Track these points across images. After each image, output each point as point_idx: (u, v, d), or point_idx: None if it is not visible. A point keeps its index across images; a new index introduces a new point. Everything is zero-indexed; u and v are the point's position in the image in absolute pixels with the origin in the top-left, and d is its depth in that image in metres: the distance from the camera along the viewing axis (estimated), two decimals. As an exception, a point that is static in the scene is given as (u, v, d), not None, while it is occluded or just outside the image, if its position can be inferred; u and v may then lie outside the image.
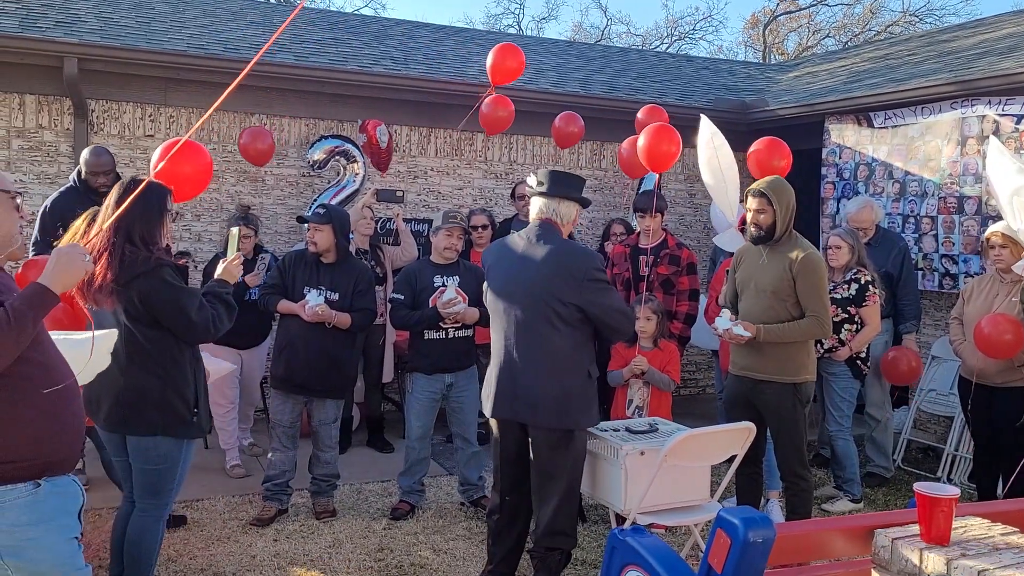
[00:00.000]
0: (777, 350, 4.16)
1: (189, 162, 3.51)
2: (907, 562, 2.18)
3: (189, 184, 3.54)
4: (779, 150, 5.33)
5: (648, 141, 5.15)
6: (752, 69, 11.47)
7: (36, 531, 2.32)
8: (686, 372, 8.34)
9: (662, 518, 3.80)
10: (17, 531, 2.29)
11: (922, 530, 2.23)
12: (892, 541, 2.25)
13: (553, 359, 3.62)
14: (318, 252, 4.73)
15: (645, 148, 5.15)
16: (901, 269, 5.79)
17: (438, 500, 5.19)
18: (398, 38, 8.93)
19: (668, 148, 5.13)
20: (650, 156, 5.14)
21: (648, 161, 5.19)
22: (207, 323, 3.27)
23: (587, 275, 3.61)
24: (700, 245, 8.43)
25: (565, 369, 3.64)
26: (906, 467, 6.09)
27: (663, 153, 5.13)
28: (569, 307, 3.60)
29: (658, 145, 5.12)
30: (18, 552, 2.29)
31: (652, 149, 5.13)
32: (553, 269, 3.61)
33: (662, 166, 5.25)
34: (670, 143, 5.13)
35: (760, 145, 5.40)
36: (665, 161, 5.18)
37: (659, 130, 5.16)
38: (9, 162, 6.30)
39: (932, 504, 2.20)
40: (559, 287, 3.59)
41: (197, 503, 4.91)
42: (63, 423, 2.42)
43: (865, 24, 24.11)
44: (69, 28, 6.50)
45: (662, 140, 5.12)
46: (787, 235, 4.20)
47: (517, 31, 26.05)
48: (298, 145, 7.06)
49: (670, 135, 5.14)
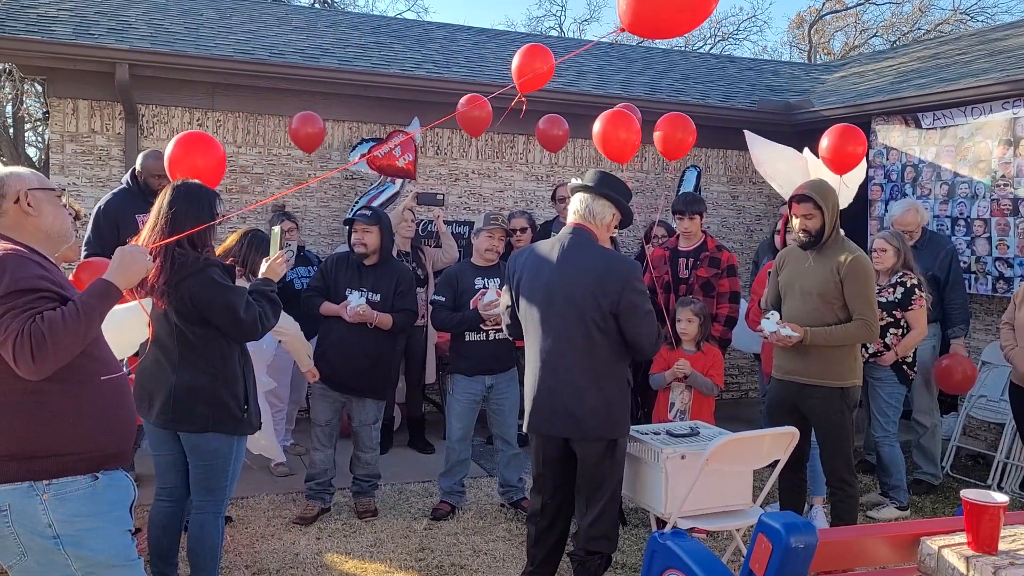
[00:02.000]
0: (823, 353, 4.11)
1: (202, 155, 3.59)
2: (954, 571, 2.14)
3: (202, 177, 3.61)
4: (855, 136, 4.94)
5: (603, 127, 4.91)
6: (797, 70, 11.34)
7: (95, 522, 2.39)
8: (728, 376, 8.27)
9: (703, 522, 3.77)
10: (77, 521, 2.36)
11: (969, 538, 2.20)
12: (939, 549, 2.21)
13: (594, 370, 3.58)
14: (365, 253, 4.76)
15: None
16: (949, 272, 5.67)
17: (478, 501, 5.21)
18: (440, 41, 8.99)
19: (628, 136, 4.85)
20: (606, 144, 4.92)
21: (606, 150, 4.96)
22: (255, 321, 3.34)
23: (628, 285, 3.55)
24: (742, 248, 8.36)
25: (606, 379, 3.60)
26: (955, 475, 5.97)
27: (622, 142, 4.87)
28: (609, 318, 3.56)
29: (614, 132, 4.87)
30: (78, 542, 2.35)
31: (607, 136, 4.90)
32: (595, 279, 3.56)
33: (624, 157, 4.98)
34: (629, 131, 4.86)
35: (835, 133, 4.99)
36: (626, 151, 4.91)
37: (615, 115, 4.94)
38: (63, 166, 6.47)
39: (980, 512, 2.16)
40: (600, 297, 3.54)
41: (242, 500, 4.99)
42: (119, 418, 2.50)
43: (914, 23, 23.67)
44: (121, 35, 6.66)
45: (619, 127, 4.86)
46: (834, 237, 4.15)
47: (559, 33, 26.03)
48: (341, 148, 7.14)
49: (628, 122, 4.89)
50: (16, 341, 2.19)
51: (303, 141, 6.15)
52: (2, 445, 2.31)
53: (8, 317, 2.21)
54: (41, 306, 2.26)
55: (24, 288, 2.26)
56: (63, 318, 2.25)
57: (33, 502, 2.31)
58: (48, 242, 2.50)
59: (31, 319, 2.21)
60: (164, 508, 3.58)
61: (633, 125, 4.90)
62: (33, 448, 2.32)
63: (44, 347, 2.20)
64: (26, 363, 2.20)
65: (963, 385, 5.63)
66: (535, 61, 4.23)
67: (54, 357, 2.23)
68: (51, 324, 2.22)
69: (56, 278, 2.39)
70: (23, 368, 2.22)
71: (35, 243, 2.44)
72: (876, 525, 4.73)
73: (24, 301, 2.24)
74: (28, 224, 2.44)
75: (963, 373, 5.52)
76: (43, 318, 2.22)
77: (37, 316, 2.23)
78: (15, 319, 2.21)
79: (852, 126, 4.80)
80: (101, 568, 2.39)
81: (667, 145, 5.27)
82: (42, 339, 2.20)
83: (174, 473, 3.54)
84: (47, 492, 2.32)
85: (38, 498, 2.31)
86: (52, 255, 2.51)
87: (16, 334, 2.19)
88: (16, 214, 2.43)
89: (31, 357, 2.19)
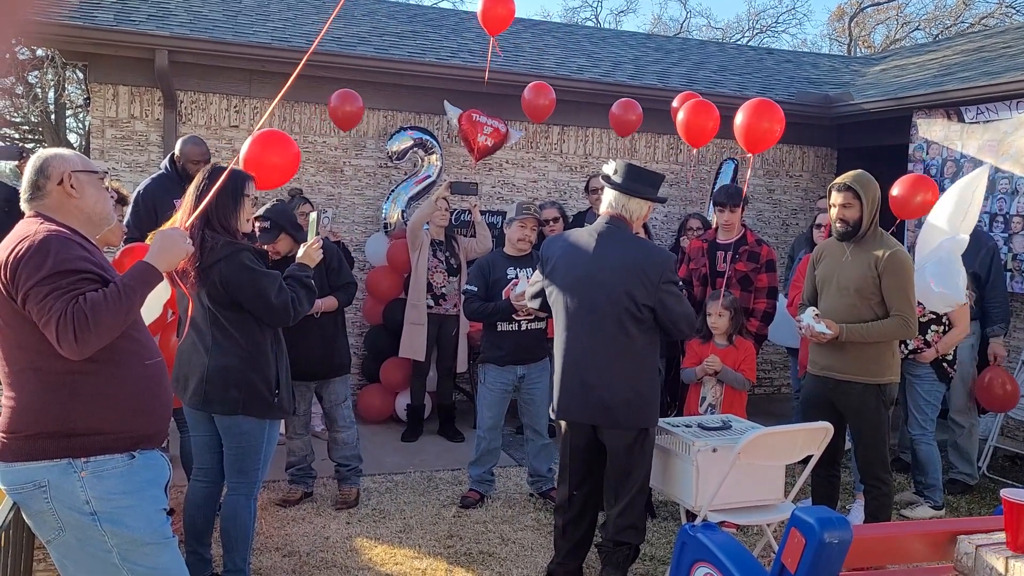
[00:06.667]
0: (860, 350, 4.05)
1: (277, 153, 3.60)
2: (992, 570, 2.11)
3: (277, 173, 3.63)
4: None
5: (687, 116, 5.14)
6: (836, 62, 11.17)
7: (131, 499, 2.43)
8: (761, 371, 8.19)
9: (734, 516, 3.74)
10: (114, 499, 2.40)
11: (1008, 538, 2.16)
12: (976, 548, 2.17)
13: (625, 360, 3.59)
14: (282, 258, 4.44)
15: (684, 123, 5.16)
16: (989, 270, 5.56)
17: (507, 490, 5.22)
18: (476, 30, 8.95)
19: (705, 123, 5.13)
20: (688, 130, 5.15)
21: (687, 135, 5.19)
22: (286, 306, 3.36)
23: (663, 277, 3.57)
24: (778, 242, 8.27)
25: (638, 369, 3.61)
26: (992, 475, 5.87)
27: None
28: (643, 308, 3.56)
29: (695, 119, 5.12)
30: (115, 519, 2.40)
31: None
32: (631, 269, 3.56)
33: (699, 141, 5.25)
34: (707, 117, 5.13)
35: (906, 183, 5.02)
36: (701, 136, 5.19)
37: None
38: (103, 151, 6.56)
39: (1020, 511, 2.12)
40: (635, 288, 3.54)
41: (274, 484, 5.04)
42: (156, 398, 2.54)
43: (958, 16, 23.22)
44: (161, 21, 6.73)
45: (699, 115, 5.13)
46: (872, 231, 4.08)
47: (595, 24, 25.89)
48: (376, 136, 7.16)
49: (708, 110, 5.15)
50: (59, 321, 2.23)
51: (341, 119, 6.23)
52: (42, 423, 2.35)
53: (52, 297, 2.25)
54: (84, 287, 2.30)
55: (68, 269, 2.29)
56: (105, 299, 2.28)
57: (71, 479, 2.35)
58: (90, 224, 2.53)
59: (74, 300, 2.25)
60: (199, 488, 3.63)
61: (713, 112, 5.06)
62: (72, 426, 2.36)
63: (86, 328, 2.24)
64: (68, 343, 2.24)
65: (1004, 403, 5.55)
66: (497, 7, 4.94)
67: (96, 338, 2.27)
68: (93, 305, 2.26)
69: (98, 259, 2.43)
70: (66, 348, 2.25)
71: (77, 224, 2.47)
72: (912, 522, 4.68)
73: (68, 282, 2.28)
74: (71, 206, 2.48)
75: (1003, 388, 5.46)
76: (86, 299, 2.26)
77: (80, 297, 2.26)
78: (59, 299, 2.25)
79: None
80: (136, 545, 2.42)
81: (749, 136, 4.84)
82: (84, 320, 2.23)
83: (209, 454, 3.59)
84: (85, 470, 2.36)
85: (76, 475, 2.36)
86: (93, 237, 2.54)
87: (60, 314, 2.23)
88: (59, 195, 2.46)
89: (74, 337, 2.23)
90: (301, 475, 4.91)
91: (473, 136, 6.73)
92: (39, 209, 2.46)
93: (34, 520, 2.42)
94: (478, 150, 6.75)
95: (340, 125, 6.37)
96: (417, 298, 6.06)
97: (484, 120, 6.74)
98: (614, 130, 6.81)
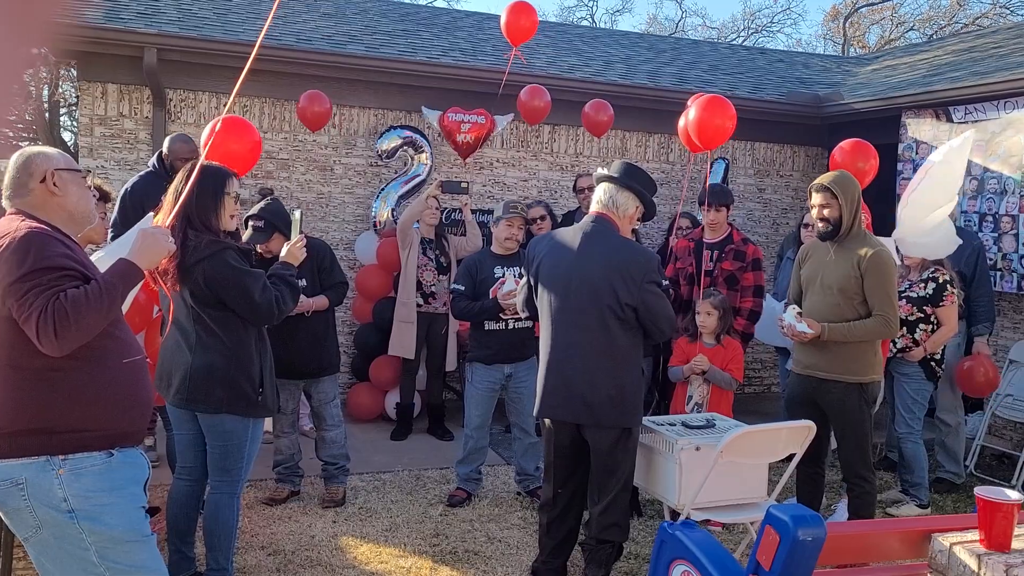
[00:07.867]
0: (843, 349, 4.07)
1: (237, 140, 3.60)
2: (965, 568, 2.12)
3: (239, 161, 3.63)
4: (864, 151, 4.99)
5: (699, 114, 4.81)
6: (828, 62, 11.19)
7: (110, 497, 2.43)
8: (751, 370, 8.22)
9: (717, 515, 3.76)
10: (92, 496, 2.40)
11: (982, 536, 2.17)
12: (950, 546, 2.19)
13: (609, 358, 3.59)
14: (274, 257, 4.26)
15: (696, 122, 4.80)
16: (975, 269, 5.58)
17: (495, 489, 5.23)
18: (468, 30, 8.97)
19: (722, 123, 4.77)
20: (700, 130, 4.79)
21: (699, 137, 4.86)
22: (271, 304, 3.35)
23: (647, 276, 3.57)
24: (768, 241, 8.29)
25: (621, 368, 3.61)
26: (979, 474, 5.89)
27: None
28: (626, 308, 3.57)
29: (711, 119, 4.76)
30: (92, 516, 2.40)
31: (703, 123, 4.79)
32: (615, 268, 3.56)
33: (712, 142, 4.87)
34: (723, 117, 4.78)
35: (845, 147, 5.05)
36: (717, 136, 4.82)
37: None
38: (91, 148, 6.55)
39: (993, 509, 2.14)
40: (619, 287, 3.55)
41: (261, 483, 5.04)
42: (136, 397, 2.54)
43: (952, 16, 23.26)
44: (150, 19, 6.72)
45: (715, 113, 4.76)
46: (855, 231, 4.09)
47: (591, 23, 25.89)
48: (367, 135, 7.16)
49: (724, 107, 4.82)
50: (40, 318, 2.24)
51: (310, 120, 6.23)
52: (21, 419, 2.35)
53: (32, 294, 2.26)
54: (65, 284, 2.30)
55: (49, 266, 2.30)
56: (86, 296, 2.29)
57: (49, 476, 2.35)
58: (72, 222, 2.53)
59: (55, 296, 2.26)
60: (183, 486, 3.63)
61: (729, 110, 4.81)
62: (51, 423, 2.36)
63: (67, 324, 2.24)
64: (49, 340, 2.25)
65: (984, 388, 5.56)
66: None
67: (76, 335, 2.28)
68: (74, 302, 2.26)
69: (80, 257, 2.43)
70: (46, 344, 2.26)
71: (59, 223, 2.48)
72: (887, 520, 4.69)
73: (49, 279, 2.28)
74: (53, 204, 2.48)
75: (984, 376, 5.45)
76: (67, 296, 2.27)
77: (61, 294, 2.27)
78: (39, 296, 2.25)
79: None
80: (114, 543, 2.42)
81: (702, 133, 4.86)
82: (65, 316, 2.24)
83: (193, 452, 3.59)
84: (63, 467, 2.36)
85: (54, 473, 2.36)
86: (75, 235, 2.55)
87: (40, 311, 2.24)
88: (42, 193, 2.47)
89: (54, 334, 2.24)
90: (288, 473, 4.91)
91: (453, 136, 6.74)
92: (21, 207, 2.47)
93: (11, 518, 2.42)
94: (462, 148, 6.75)
95: (309, 125, 6.36)
96: (407, 296, 6.06)
97: (462, 118, 6.74)
98: (587, 130, 6.80)
